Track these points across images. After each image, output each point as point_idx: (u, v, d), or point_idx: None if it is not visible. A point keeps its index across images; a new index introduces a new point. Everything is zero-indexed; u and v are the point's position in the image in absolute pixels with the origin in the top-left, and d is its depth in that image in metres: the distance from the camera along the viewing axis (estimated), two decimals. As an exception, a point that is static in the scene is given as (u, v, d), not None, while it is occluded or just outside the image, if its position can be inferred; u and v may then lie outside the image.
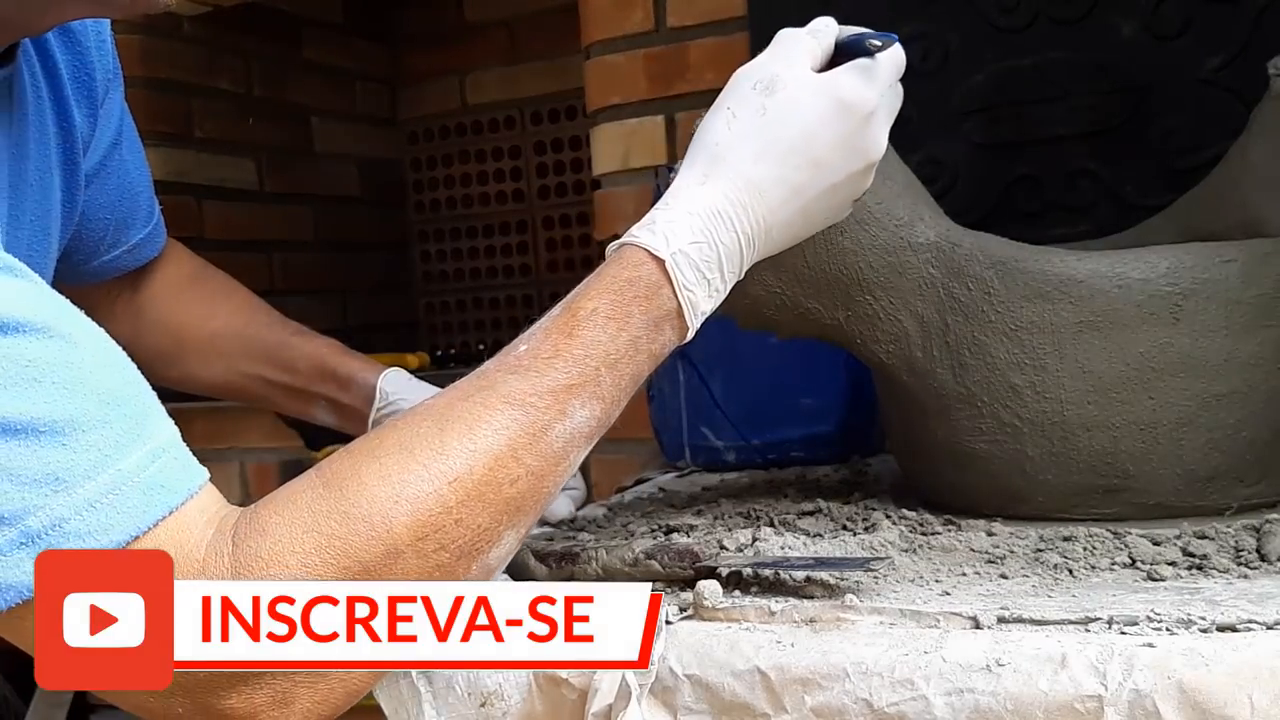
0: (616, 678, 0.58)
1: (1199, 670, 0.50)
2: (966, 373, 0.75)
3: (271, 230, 2.07)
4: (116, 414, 0.51)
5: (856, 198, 0.66)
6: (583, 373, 0.57)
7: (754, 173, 0.61)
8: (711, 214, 0.61)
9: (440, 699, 0.63)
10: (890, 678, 0.54)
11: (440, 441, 0.54)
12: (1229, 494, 0.73)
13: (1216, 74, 1.13)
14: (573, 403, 0.57)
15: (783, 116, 0.62)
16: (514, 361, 0.57)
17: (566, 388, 0.57)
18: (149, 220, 0.92)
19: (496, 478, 0.54)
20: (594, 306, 0.59)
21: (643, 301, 0.59)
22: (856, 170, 0.64)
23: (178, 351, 0.94)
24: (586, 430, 0.58)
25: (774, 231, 0.63)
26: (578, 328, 0.58)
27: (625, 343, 0.59)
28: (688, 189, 0.61)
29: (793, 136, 0.62)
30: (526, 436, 0.55)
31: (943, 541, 0.72)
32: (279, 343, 0.91)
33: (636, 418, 1.31)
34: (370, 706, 0.65)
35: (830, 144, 0.62)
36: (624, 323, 0.59)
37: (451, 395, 0.57)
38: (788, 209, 0.62)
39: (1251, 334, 0.71)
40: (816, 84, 0.62)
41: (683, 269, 0.60)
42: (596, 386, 0.58)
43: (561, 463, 0.58)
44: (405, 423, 0.55)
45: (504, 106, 2.31)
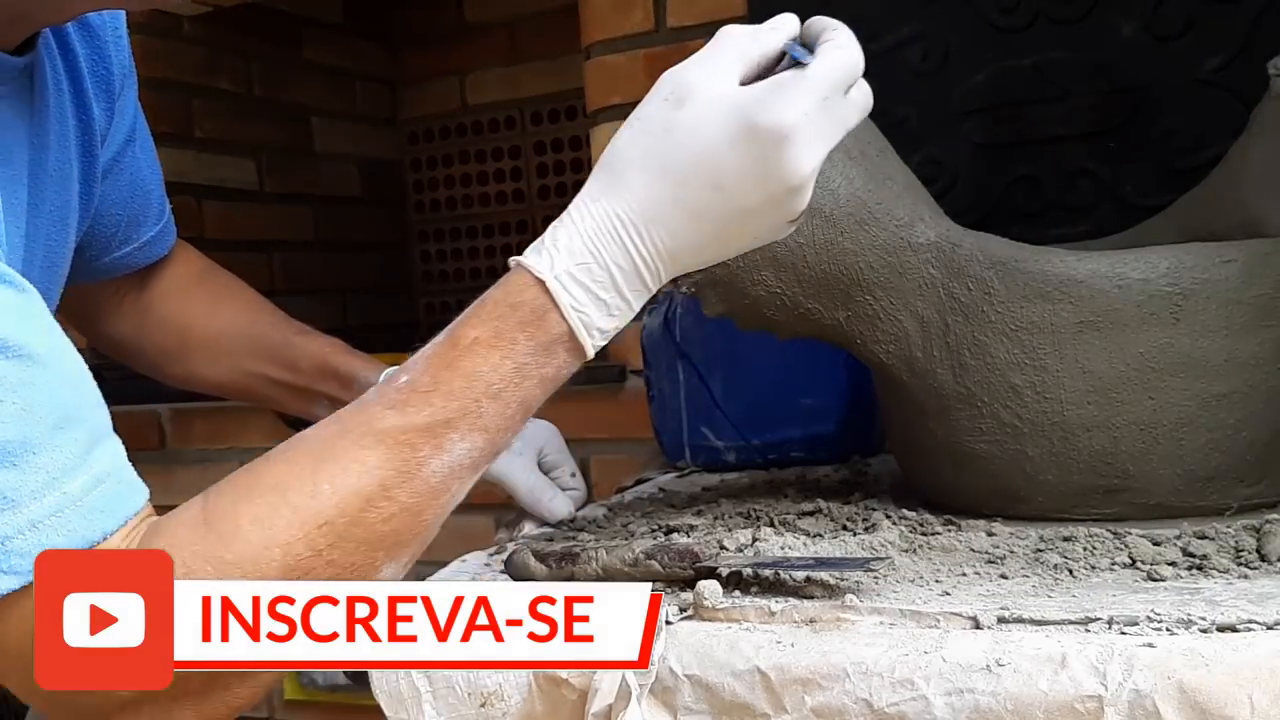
0: (616, 678, 0.58)
1: (1199, 670, 0.50)
2: (966, 373, 0.75)
3: (271, 230, 2.07)
4: (68, 438, 0.53)
5: (793, 218, 0.60)
6: (462, 405, 0.57)
7: (650, 194, 0.58)
8: (602, 233, 0.58)
9: (440, 699, 0.63)
10: (890, 678, 0.54)
11: (313, 484, 0.55)
12: (1229, 494, 0.73)
13: (1216, 74, 1.13)
14: (451, 436, 0.57)
15: (685, 136, 0.57)
16: (393, 395, 0.57)
17: (445, 422, 0.56)
18: (160, 218, 0.93)
19: (369, 517, 0.55)
20: (475, 335, 0.58)
21: (528, 327, 0.58)
22: (775, 195, 0.58)
23: (182, 349, 0.94)
24: (468, 461, 0.58)
25: (683, 255, 0.59)
26: (458, 358, 0.57)
27: (510, 370, 0.58)
28: (582, 205, 0.59)
29: (693, 158, 0.57)
30: (400, 475, 0.56)
31: (943, 542, 0.72)
32: (282, 342, 0.91)
33: (636, 418, 1.31)
34: (370, 706, 0.65)
35: (737, 168, 0.57)
36: (508, 350, 0.58)
37: (330, 430, 0.57)
38: (693, 233, 0.59)
39: (1252, 334, 0.71)
40: (727, 101, 0.57)
41: (570, 291, 0.58)
42: (478, 418, 0.57)
43: (441, 496, 0.58)
44: (284, 457, 0.56)
45: (504, 106, 2.31)
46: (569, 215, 0.59)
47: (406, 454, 0.56)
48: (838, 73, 0.57)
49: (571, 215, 0.59)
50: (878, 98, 0.62)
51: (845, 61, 0.58)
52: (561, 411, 0.99)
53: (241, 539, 0.54)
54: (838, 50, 0.58)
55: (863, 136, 0.79)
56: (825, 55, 0.57)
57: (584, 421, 1.42)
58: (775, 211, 0.59)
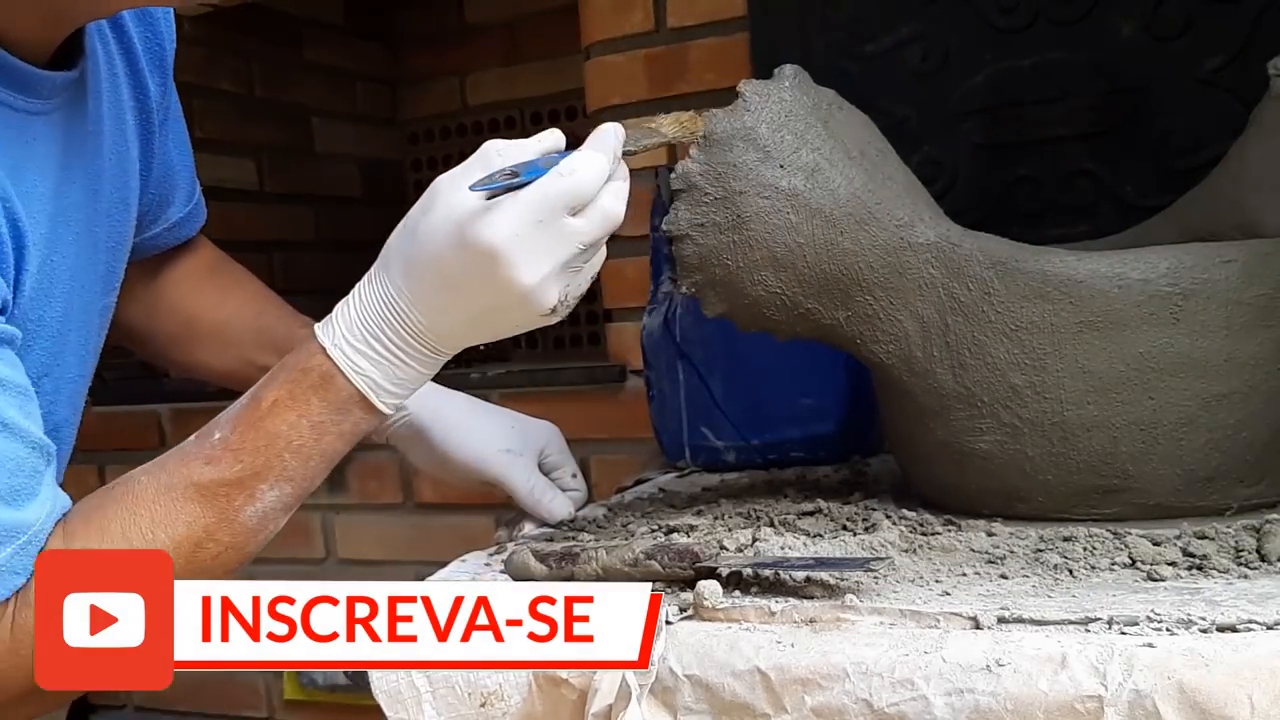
0: (617, 678, 0.58)
1: (1199, 670, 0.50)
2: (966, 373, 0.75)
3: (272, 230, 2.07)
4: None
5: (544, 314, 0.65)
6: (267, 461, 0.66)
7: (407, 284, 0.65)
8: (376, 311, 0.66)
9: (440, 699, 0.64)
10: (890, 678, 0.55)
11: (151, 534, 0.64)
12: (1229, 494, 0.73)
13: (1216, 74, 1.13)
14: (260, 487, 0.66)
15: (423, 240, 0.64)
16: (209, 451, 0.66)
17: (253, 475, 0.66)
18: (188, 200, 0.94)
19: (199, 557, 0.65)
20: (275, 397, 0.66)
21: (319, 391, 0.66)
22: (507, 301, 0.64)
23: (189, 337, 0.95)
24: (280, 506, 0.67)
25: (450, 333, 0.66)
26: (261, 420, 0.66)
27: (307, 428, 0.66)
28: (363, 284, 0.67)
29: (427, 260, 0.64)
30: (220, 522, 0.65)
31: (943, 542, 0.72)
32: (286, 335, 0.92)
33: (636, 418, 1.31)
34: (370, 706, 0.65)
35: (462, 274, 0.63)
36: (303, 410, 0.66)
37: (159, 481, 0.65)
38: (450, 320, 0.65)
39: (1251, 334, 0.71)
40: (453, 215, 0.63)
41: (350, 358, 0.66)
42: (283, 470, 0.66)
43: (259, 534, 0.67)
44: (124, 505, 0.64)
45: (504, 107, 2.31)
46: (353, 294, 0.68)
47: (223, 504, 0.65)
48: (554, 198, 0.62)
49: (354, 294, 0.68)
50: (878, 98, 0.63)
51: (564, 189, 0.63)
52: (561, 411, 0.99)
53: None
54: (559, 178, 0.63)
55: (862, 137, 0.79)
56: (543, 182, 0.63)
57: (584, 421, 1.42)
58: (518, 310, 0.65)
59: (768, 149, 0.74)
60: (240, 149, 2.00)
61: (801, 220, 0.74)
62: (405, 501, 1.66)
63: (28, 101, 0.68)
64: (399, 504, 1.66)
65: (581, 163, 0.64)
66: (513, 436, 0.88)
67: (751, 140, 0.74)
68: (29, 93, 0.68)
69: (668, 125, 0.72)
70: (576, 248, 0.64)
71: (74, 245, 0.73)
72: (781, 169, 0.74)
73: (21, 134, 0.68)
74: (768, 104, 0.75)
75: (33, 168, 0.69)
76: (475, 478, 0.88)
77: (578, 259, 0.64)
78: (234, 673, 1.82)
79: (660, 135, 0.71)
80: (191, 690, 1.83)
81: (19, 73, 0.66)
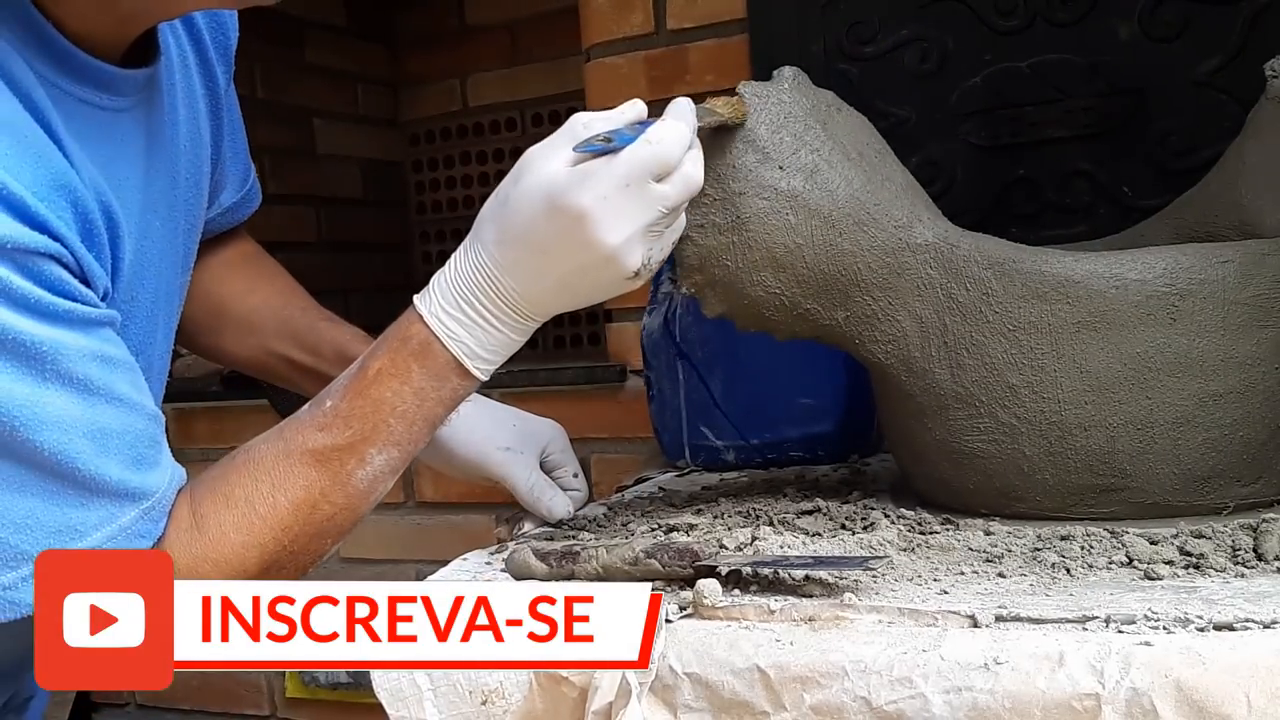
0: (617, 676, 0.59)
1: (1196, 669, 0.50)
2: (964, 373, 0.75)
3: (274, 231, 2.07)
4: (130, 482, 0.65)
5: (628, 276, 0.67)
6: (375, 426, 0.69)
7: (499, 251, 0.68)
8: (469, 279, 0.69)
9: (441, 696, 0.64)
10: (889, 676, 0.55)
11: (271, 497, 0.69)
12: (1226, 493, 0.73)
13: (1213, 76, 1.13)
14: (369, 451, 0.69)
15: (514, 208, 0.67)
16: (320, 418, 0.70)
17: (362, 440, 0.69)
18: (242, 184, 0.96)
19: (316, 517, 0.69)
20: (379, 366, 0.70)
21: (419, 358, 0.69)
22: (593, 261, 0.66)
23: (216, 324, 0.96)
24: (388, 469, 0.71)
25: (539, 299, 0.69)
26: (368, 387, 0.70)
27: (410, 394, 0.70)
28: (456, 256, 0.70)
29: (519, 227, 0.67)
30: (334, 485, 0.69)
31: (941, 540, 0.72)
32: (308, 326, 0.94)
33: (636, 417, 1.31)
34: (371, 704, 0.65)
35: (552, 238, 0.66)
36: (405, 378, 0.69)
37: (277, 447, 0.70)
38: (538, 284, 0.68)
39: (1248, 334, 0.71)
40: (544, 181, 0.66)
41: (446, 325, 0.69)
42: (389, 434, 0.70)
43: (370, 495, 0.71)
44: (246, 471, 0.70)
45: (505, 108, 2.31)
46: (449, 263, 0.70)
47: (335, 468, 0.69)
48: (641, 164, 0.65)
49: (451, 263, 0.70)
50: (877, 99, 0.64)
51: (651, 156, 0.65)
52: (562, 411, 1.00)
53: (227, 543, 0.68)
54: (647, 145, 0.65)
55: (861, 138, 0.80)
56: (633, 148, 0.65)
57: (584, 421, 1.42)
58: (604, 271, 0.67)
59: (767, 150, 0.74)
60: (241, 150, 2.00)
61: (800, 221, 0.75)
62: (406, 500, 1.66)
63: (113, 99, 0.71)
64: (400, 503, 1.67)
65: (668, 130, 0.66)
66: (514, 435, 0.89)
67: (751, 141, 0.74)
68: (113, 91, 0.70)
69: (721, 106, 0.74)
70: (660, 211, 0.66)
71: (161, 231, 0.77)
72: (780, 170, 0.74)
73: (110, 131, 0.71)
74: (767, 105, 0.75)
75: (123, 162, 0.72)
76: (477, 475, 0.88)
77: (661, 222, 0.67)
78: (235, 671, 1.82)
79: (717, 115, 0.73)
80: (194, 688, 1.83)
81: (102, 73, 0.69)
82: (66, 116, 0.66)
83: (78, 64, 0.67)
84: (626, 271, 0.67)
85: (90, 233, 0.66)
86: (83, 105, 0.68)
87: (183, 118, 0.80)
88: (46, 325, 0.60)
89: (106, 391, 0.63)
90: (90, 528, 0.63)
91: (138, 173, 0.74)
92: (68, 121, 0.66)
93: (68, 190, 0.64)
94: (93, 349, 0.63)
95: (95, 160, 0.68)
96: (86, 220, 0.66)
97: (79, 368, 0.62)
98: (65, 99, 0.67)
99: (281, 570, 0.70)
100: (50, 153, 0.64)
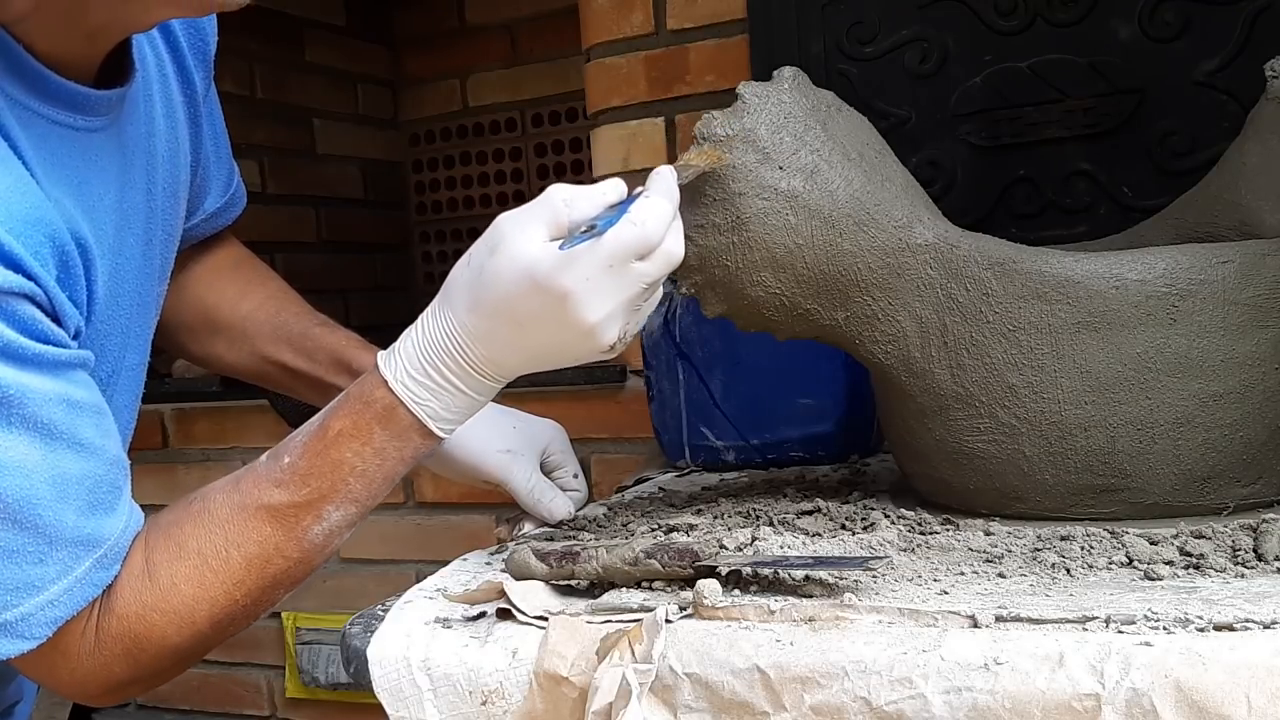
0: (617, 675, 0.59)
1: (1196, 669, 0.50)
2: (964, 373, 0.75)
3: (274, 231, 2.08)
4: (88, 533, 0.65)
5: (603, 349, 0.68)
6: (333, 485, 0.70)
7: (469, 320, 0.68)
8: (437, 345, 0.69)
9: (441, 696, 0.64)
10: (889, 676, 0.55)
11: (225, 552, 0.69)
12: (1226, 493, 0.73)
13: (1213, 76, 1.13)
14: (326, 509, 0.70)
15: (490, 280, 0.67)
16: (278, 474, 0.70)
17: (321, 497, 0.70)
18: (225, 190, 0.95)
19: (269, 571, 0.70)
20: (340, 427, 0.70)
21: (382, 421, 0.70)
22: (572, 337, 0.66)
23: (207, 330, 0.96)
24: (344, 523, 0.72)
25: (507, 365, 0.69)
26: (328, 448, 0.70)
27: (370, 455, 0.70)
28: (425, 318, 0.70)
29: (496, 300, 0.67)
30: (288, 540, 0.70)
31: (941, 541, 0.72)
32: (302, 332, 0.93)
33: (636, 418, 1.32)
34: (371, 704, 0.65)
35: (531, 313, 0.66)
36: (367, 439, 0.70)
37: (233, 500, 0.70)
38: (510, 352, 0.68)
39: (1248, 334, 0.71)
40: (525, 259, 0.65)
41: (411, 390, 0.69)
42: (348, 493, 0.70)
43: (325, 549, 0.72)
44: (201, 523, 0.70)
45: (505, 108, 2.31)
46: (415, 326, 0.70)
47: (291, 524, 0.70)
48: (624, 246, 0.65)
49: (417, 326, 0.70)
50: (877, 99, 0.63)
51: (634, 238, 0.65)
52: (562, 411, 1.00)
53: (178, 594, 0.68)
54: (631, 227, 0.65)
55: (861, 138, 0.80)
56: (617, 230, 0.65)
57: (584, 421, 1.42)
58: (581, 345, 0.67)
59: (767, 150, 0.74)
60: (242, 150, 1.99)
61: (800, 221, 0.75)
62: (407, 501, 1.66)
63: (87, 120, 0.70)
64: (400, 503, 1.67)
65: (651, 210, 0.66)
66: (514, 436, 0.89)
67: (751, 142, 0.74)
68: (87, 111, 0.70)
69: (695, 158, 0.74)
70: (640, 287, 0.67)
71: (136, 245, 0.76)
72: (780, 170, 0.75)
73: (84, 152, 0.70)
74: (767, 106, 0.75)
75: (96, 182, 0.71)
76: (476, 478, 0.88)
77: (640, 297, 0.67)
78: (236, 671, 1.82)
79: (695, 168, 0.73)
80: (193, 689, 1.83)
81: (75, 95, 0.68)
82: (38, 139, 0.66)
83: (50, 86, 0.67)
84: (602, 346, 0.67)
85: (66, 265, 0.66)
86: (55, 127, 0.67)
87: (160, 129, 0.79)
88: (14, 369, 0.60)
89: (69, 436, 0.63)
90: (48, 582, 0.63)
91: (112, 191, 0.73)
92: (40, 144, 0.66)
93: (44, 224, 0.63)
94: (59, 393, 0.63)
95: (68, 184, 0.68)
96: (62, 254, 0.65)
97: (44, 412, 0.62)
98: (37, 121, 0.66)
99: (232, 622, 0.70)
100: (27, 185, 0.63)
